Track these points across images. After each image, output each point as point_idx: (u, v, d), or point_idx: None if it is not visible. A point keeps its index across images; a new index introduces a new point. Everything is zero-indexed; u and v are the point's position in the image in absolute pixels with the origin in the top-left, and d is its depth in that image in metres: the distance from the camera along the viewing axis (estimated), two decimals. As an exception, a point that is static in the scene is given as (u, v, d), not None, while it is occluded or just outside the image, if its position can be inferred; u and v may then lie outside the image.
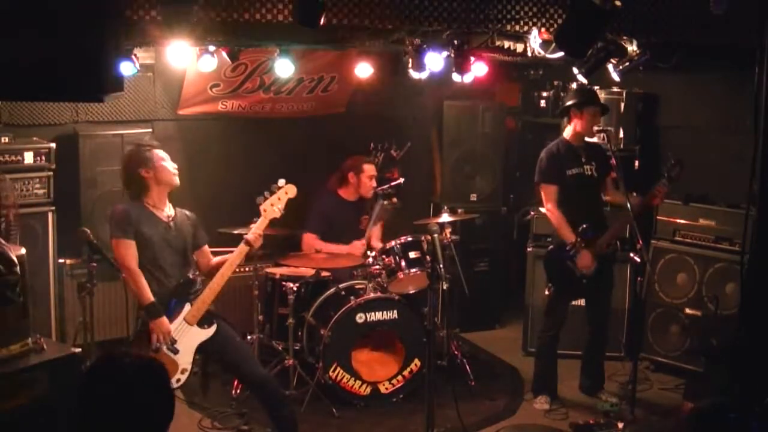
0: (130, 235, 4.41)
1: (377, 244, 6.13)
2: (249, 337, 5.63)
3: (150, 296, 4.38)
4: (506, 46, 5.16)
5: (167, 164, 4.56)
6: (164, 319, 4.40)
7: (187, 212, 4.73)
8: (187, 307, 4.50)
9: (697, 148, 6.23)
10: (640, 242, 5.24)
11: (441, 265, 4.75)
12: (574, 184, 5.51)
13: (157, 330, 4.36)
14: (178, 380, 4.42)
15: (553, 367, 5.73)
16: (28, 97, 3.56)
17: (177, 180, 4.58)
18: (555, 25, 4.78)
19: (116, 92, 2.76)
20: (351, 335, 5.54)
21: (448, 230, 5.96)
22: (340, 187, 6.24)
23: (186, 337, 4.47)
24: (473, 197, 7.12)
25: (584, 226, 5.40)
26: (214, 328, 4.56)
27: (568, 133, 5.62)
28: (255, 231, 4.63)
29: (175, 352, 4.42)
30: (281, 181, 4.76)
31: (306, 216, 6.10)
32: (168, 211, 4.60)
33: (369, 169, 6.19)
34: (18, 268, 4.06)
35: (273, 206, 4.68)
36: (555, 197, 5.50)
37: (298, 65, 5.68)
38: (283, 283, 5.71)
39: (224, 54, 5.34)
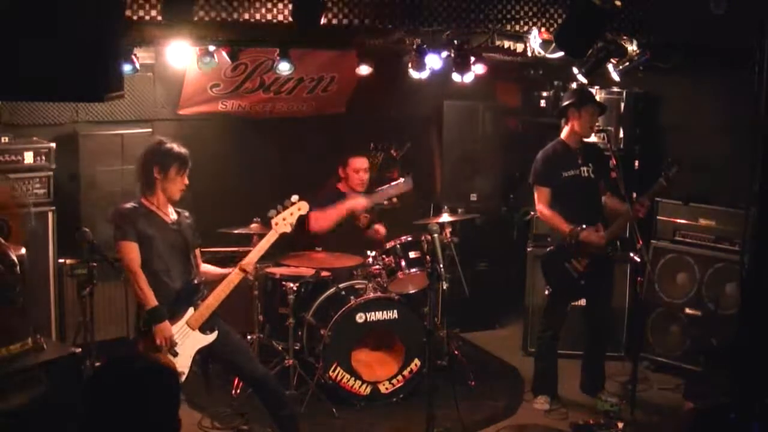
0: (132, 236, 4.39)
1: (381, 229, 6.19)
2: (249, 337, 5.62)
3: (153, 300, 4.36)
4: (506, 46, 5.17)
5: (179, 182, 4.51)
6: (167, 323, 4.39)
7: (186, 213, 4.73)
8: (191, 311, 4.50)
9: (697, 148, 6.23)
10: (640, 242, 5.24)
11: (441, 265, 4.76)
12: (571, 186, 5.50)
13: (160, 334, 4.35)
14: None
15: (553, 367, 5.72)
16: (28, 97, 3.56)
17: (178, 197, 4.56)
18: (555, 25, 4.79)
19: (116, 92, 2.76)
20: (351, 335, 5.54)
21: (448, 230, 5.96)
22: (338, 183, 6.30)
23: (186, 340, 4.46)
24: (473, 197, 7.11)
25: (582, 226, 5.40)
26: (215, 334, 4.55)
27: (565, 133, 5.62)
28: (252, 258, 4.61)
29: (175, 354, 4.41)
30: (294, 197, 4.73)
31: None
32: (171, 213, 4.59)
33: (354, 161, 6.21)
34: (18, 268, 4.07)
35: (285, 220, 4.67)
36: (547, 199, 5.51)
37: (298, 65, 5.68)
38: (283, 283, 5.71)
39: (224, 54, 5.34)
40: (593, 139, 5.81)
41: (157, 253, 4.45)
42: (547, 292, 5.72)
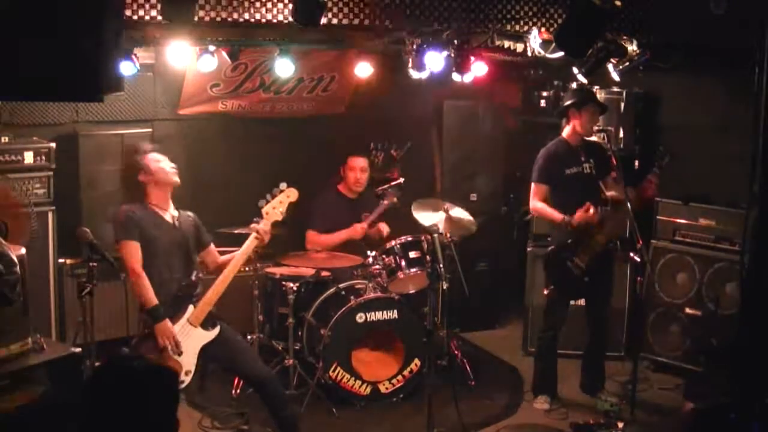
0: (135, 236, 4.41)
1: (385, 228, 6.21)
2: (249, 337, 5.63)
3: (154, 299, 4.37)
4: (506, 46, 5.18)
5: (164, 165, 4.58)
6: (168, 322, 4.39)
7: (189, 213, 4.74)
8: (191, 308, 4.50)
9: (697, 148, 6.23)
10: (640, 242, 5.24)
11: (441, 265, 4.76)
12: (574, 183, 5.51)
13: (161, 334, 4.36)
14: (182, 381, 4.42)
15: (553, 367, 5.72)
16: (28, 97, 3.56)
17: (176, 178, 4.60)
18: (555, 25, 4.80)
19: (116, 92, 2.76)
20: (351, 335, 5.54)
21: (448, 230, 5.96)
22: (338, 183, 6.31)
23: (190, 338, 4.47)
24: (473, 197, 7.12)
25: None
26: (217, 329, 4.56)
27: (566, 132, 5.63)
28: (263, 228, 4.64)
29: (180, 353, 4.41)
30: (283, 185, 4.77)
31: (308, 213, 6.10)
32: (172, 211, 4.61)
33: (353, 161, 6.23)
34: (18, 268, 4.06)
35: (275, 209, 4.70)
36: (541, 196, 5.54)
37: (298, 65, 5.68)
38: (283, 282, 5.71)
39: (224, 54, 5.34)
40: (593, 138, 5.81)
41: (159, 252, 4.46)
42: (546, 292, 5.72)
